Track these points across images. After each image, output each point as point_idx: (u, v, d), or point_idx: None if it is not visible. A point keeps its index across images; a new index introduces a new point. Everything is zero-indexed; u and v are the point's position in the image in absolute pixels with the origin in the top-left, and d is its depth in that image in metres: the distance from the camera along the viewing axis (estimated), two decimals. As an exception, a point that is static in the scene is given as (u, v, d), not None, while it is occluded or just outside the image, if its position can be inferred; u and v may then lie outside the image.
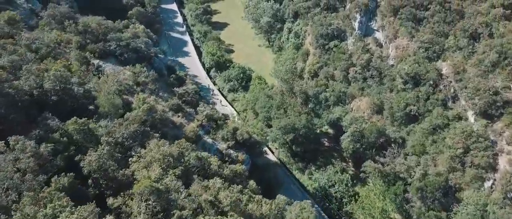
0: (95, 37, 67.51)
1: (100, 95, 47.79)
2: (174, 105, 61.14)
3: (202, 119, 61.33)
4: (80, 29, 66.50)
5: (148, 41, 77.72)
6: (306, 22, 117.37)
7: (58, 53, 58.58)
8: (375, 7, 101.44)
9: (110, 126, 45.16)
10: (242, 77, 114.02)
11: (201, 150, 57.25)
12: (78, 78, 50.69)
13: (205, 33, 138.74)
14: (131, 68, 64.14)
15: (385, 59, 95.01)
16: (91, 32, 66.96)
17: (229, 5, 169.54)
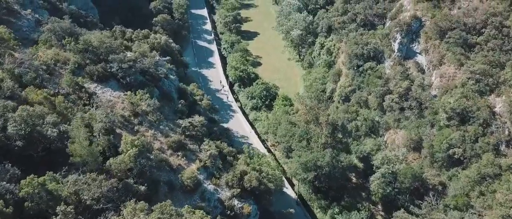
0: (96, 56, 59.64)
1: (74, 141, 39.63)
2: (174, 143, 52.33)
3: (205, 159, 52.31)
4: (80, 48, 58.79)
5: (158, 60, 69.42)
6: (340, 38, 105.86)
7: (45, 79, 51.03)
8: (418, 27, 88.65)
9: (80, 181, 36.93)
10: (266, 96, 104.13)
11: (199, 200, 48.16)
12: (57, 116, 42.72)
13: (232, 44, 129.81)
14: (130, 96, 55.71)
15: (427, 88, 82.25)
16: (92, 51, 59.11)
17: (262, 13, 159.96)
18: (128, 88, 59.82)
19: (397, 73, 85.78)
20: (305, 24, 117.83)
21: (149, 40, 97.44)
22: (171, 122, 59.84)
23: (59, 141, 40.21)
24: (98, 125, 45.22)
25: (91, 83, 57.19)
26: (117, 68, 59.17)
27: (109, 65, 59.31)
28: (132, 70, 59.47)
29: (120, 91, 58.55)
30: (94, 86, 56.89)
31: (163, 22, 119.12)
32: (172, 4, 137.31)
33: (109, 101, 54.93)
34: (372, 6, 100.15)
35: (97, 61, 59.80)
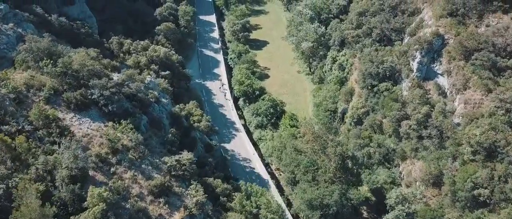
0: (76, 80, 52.53)
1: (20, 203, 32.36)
2: (156, 187, 44.87)
3: (191, 207, 44.75)
4: (58, 71, 51.74)
5: (150, 82, 61.97)
6: (353, 53, 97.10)
7: (10, 112, 43.97)
8: (441, 46, 79.48)
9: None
10: (272, 113, 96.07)
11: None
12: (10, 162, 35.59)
13: (240, 54, 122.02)
14: (108, 131, 48.36)
15: (449, 115, 73.12)
16: (72, 74, 51.99)
17: (272, 20, 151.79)
18: (111, 118, 52.59)
19: (415, 97, 76.79)
20: (317, 36, 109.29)
21: (147, 53, 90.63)
22: (157, 156, 52.38)
23: (6, 199, 33.16)
24: (62, 172, 38.02)
25: (67, 112, 50.08)
26: (98, 95, 51.89)
27: (90, 92, 52.11)
28: (115, 98, 52.12)
29: (100, 122, 51.30)
30: (70, 116, 49.74)
31: (167, 31, 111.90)
32: (178, 11, 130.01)
33: (85, 136, 47.74)
34: (389, 19, 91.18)
35: (77, 86, 52.68)
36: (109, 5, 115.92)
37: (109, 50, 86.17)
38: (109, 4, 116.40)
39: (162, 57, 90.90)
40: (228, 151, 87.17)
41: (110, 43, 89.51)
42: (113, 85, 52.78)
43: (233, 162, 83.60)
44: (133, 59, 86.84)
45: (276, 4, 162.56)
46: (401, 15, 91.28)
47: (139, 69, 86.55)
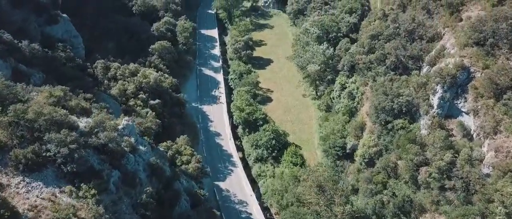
0: (31, 132, 42.66)
1: None
2: None
3: None
4: (8, 121, 41.93)
5: (125, 127, 51.91)
6: (365, 81, 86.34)
7: None
8: (466, 80, 68.47)
9: None
10: (274, 145, 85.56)
11: None
12: None
13: (241, 74, 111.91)
14: (57, 204, 38.33)
15: (477, 164, 62.09)
16: (26, 125, 42.15)
17: (278, 35, 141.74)
18: (70, 179, 42.56)
19: (437, 140, 65.73)
20: (324, 58, 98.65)
21: (136, 79, 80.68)
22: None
23: None
24: None
25: (14, 176, 40.16)
26: (55, 152, 41.91)
27: (45, 147, 42.18)
28: (76, 155, 42.08)
29: (55, 186, 41.30)
30: (17, 181, 39.80)
31: (161, 50, 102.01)
32: (177, 27, 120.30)
33: (32, 209, 37.84)
34: (405, 45, 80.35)
35: (31, 140, 42.75)
36: (101, 20, 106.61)
37: (93, 76, 76.52)
38: (101, 18, 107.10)
39: (152, 84, 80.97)
40: (223, 190, 76.96)
41: (94, 67, 79.70)
42: (74, 140, 42.68)
43: (228, 205, 73.37)
44: (119, 87, 77.08)
45: (282, 18, 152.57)
46: (419, 41, 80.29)
47: (125, 99, 76.82)
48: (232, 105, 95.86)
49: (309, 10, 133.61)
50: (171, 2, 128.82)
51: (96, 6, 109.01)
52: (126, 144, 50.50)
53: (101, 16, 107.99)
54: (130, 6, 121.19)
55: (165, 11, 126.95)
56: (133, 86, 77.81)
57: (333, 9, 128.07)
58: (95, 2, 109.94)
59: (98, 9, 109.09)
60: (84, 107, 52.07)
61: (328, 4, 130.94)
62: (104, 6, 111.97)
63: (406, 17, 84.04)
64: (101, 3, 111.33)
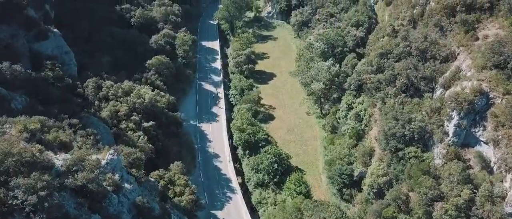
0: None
1: None
2: None
3: None
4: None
5: (109, 162, 46.49)
6: (373, 101, 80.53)
7: None
8: (484, 106, 62.66)
9: None
10: (276, 169, 79.71)
11: None
12: None
13: (242, 90, 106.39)
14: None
15: (499, 202, 56.06)
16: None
17: (281, 47, 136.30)
18: (42, 229, 36.93)
19: (453, 172, 59.76)
20: (330, 76, 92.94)
21: (129, 99, 75.24)
22: None
23: None
24: None
25: (-26, 229, 34.76)
26: (22, 200, 36.37)
27: (11, 194, 36.66)
28: (46, 204, 36.53)
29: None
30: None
31: (159, 66, 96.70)
32: (176, 39, 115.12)
33: None
34: (417, 66, 74.55)
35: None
36: (96, 33, 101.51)
37: (83, 96, 71.25)
38: (97, 31, 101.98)
39: (146, 104, 75.56)
40: (220, 222, 71.21)
41: (85, 87, 74.42)
42: (45, 185, 37.12)
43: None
44: (110, 109, 71.62)
45: (285, 29, 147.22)
46: (431, 61, 74.43)
47: (117, 121, 71.40)
48: (232, 125, 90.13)
49: (314, 22, 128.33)
50: (171, 14, 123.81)
51: (92, 18, 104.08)
52: (109, 183, 44.86)
53: (97, 29, 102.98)
54: (129, 18, 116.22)
55: (164, 23, 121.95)
56: (126, 108, 72.40)
57: (338, 22, 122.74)
58: (91, 14, 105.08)
59: (94, 21, 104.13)
60: (63, 142, 46.48)
61: (334, 16, 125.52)
62: (101, 18, 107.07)
63: (417, 34, 78.22)
64: (97, 15, 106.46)
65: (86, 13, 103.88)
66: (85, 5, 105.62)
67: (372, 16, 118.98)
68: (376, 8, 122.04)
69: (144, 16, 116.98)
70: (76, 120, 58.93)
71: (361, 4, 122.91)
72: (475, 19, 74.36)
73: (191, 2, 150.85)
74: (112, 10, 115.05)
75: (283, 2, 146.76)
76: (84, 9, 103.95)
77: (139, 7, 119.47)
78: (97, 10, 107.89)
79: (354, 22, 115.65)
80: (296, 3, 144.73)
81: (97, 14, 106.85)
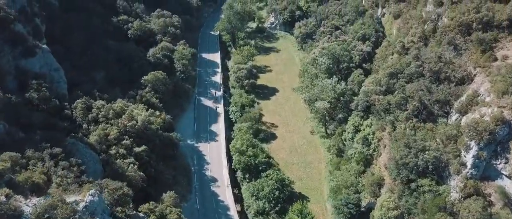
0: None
1: None
2: None
3: None
4: None
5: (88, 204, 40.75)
6: (382, 125, 74.66)
7: None
8: (507, 136, 56.75)
9: None
10: (278, 197, 73.95)
11: None
12: None
13: (243, 107, 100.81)
14: None
15: (526, 246, 50.08)
16: None
17: (284, 60, 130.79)
18: None
19: (473, 211, 53.77)
20: (335, 95, 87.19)
21: (120, 121, 69.77)
22: None
23: None
24: None
25: None
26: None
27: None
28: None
29: None
30: None
31: (155, 82, 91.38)
32: (174, 53, 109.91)
33: None
34: (430, 88, 68.67)
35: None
36: (90, 47, 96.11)
37: (71, 118, 65.99)
38: (91, 45, 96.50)
39: (138, 128, 70.11)
40: None
41: (73, 108, 69.08)
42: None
43: None
44: (99, 133, 66.10)
45: (289, 40, 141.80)
46: (446, 83, 68.58)
47: (106, 146, 65.91)
48: (231, 147, 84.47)
49: (318, 35, 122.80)
50: (170, 26, 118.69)
51: (87, 31, 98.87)
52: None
53: (92, 42, 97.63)
54: (126, 30, 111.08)
55: (163, 35, 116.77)
56: (116, 131, 66.91)
57: (344, 35, 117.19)
58: (86, 27, 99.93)
59: (89, 34, 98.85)
60: (35, 183, 40.99)
61: (339, 28, 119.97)
62: (96, 31, 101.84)
63: (430, 54, 72.45)
64: (92, 28, 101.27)
65: (80, 26, 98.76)
66: (79, 17, 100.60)
67: (379, 29, 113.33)
68: (383, 20, 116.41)
69: (141, 28, 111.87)
70: (58, 149, 53.50)
71: (367, 16, 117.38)
72: (493, 38, 68.66)
73: (192, 12, 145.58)
74: (108, 22, 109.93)
75: (287, 13, 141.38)
76: (78, 21, 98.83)
77: (137, 19, 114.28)
78: (92, 22, 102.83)
79: (360, 35, 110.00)
80: (300, 14, 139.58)
81: (92, 26, 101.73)
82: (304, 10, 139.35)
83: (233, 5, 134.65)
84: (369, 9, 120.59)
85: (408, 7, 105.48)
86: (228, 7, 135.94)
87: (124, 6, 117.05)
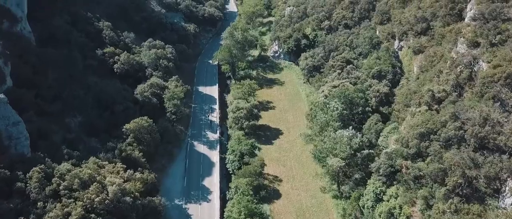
0: None
1: None
2: None
3: None
4: None
5: None
6: (412, 199, 59.24)
7: None
8: None
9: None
10: None
11: None
12: None
13: (242, 155, 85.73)
14: None
15: None
16: None
17: (289, 95, 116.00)
18: None
19: None
20: (351, 151, 71.94)
21: (86, 196, 54.62)
22: None
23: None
24: None
25: None
26: None
27: None
28: None
29: None
30: None
31: (139, 131, 76.53)
32: (165, 90, 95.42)
33: None
34: (476, 160, 53.36)
35: None
36: (67, 87, 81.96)
37: (24, 193, 51.26)
38: (68, 84, 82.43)
39: (109, 202, 54.97)
40: None
41: (28, 178, 54.13)
42: None
43: None
44: (56, 214, 50.95)
45: (294, 71, 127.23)
46: (497, 153, 53.29)
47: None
48: (226, 216, 69.15)
49: (327, 69, 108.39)
50: (162, 58, 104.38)
51: (64, 67, 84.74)
52: None
53: (69, 81, 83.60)
54: (111, 64, 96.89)
55: (154, 69, 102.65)
56: (80, 210, 51.89)
57: (356, 69, 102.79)
58: (64, 62, 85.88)
59: (67, 71, 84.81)
60: None
61: (351, 63, 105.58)
62: (76, 67, 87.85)
63: (472, 113, 57.19)
64: (71, 63, 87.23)
65: (58, 61, 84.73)
66: (58, 51, 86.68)
67: (396, 64, 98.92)
68: (401, 54, 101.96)
69: (129, 61, 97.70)
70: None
71: (382, 50, 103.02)
72: (552, 95, 53.77)
73: (188, 40, 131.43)
74: (92, 56, 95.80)
75: (291, 42, 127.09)
76: (56, 57, 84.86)
77: (125, 51, 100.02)
78: (72, 56, 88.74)
79: (375, 72, 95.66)
80: (306, 43, 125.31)
81: (71, 61, 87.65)
82: (311, 39, 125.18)
83: (234, 34, 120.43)
84: (384, 41, 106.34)
85: (431, 42, 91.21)
86: (228, 36, 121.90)
87: (111, 37, 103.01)
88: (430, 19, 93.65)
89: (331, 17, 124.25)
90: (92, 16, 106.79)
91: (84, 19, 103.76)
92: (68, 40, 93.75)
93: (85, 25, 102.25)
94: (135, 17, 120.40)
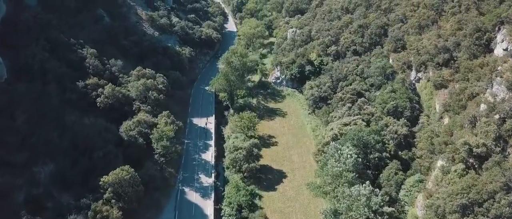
0: None
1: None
2: None
3: None
4: None
5: None
6: None
7: None
8: None
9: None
10: None
11: None
12: None
13: (239, 208, 73.24)
14: None
15: None
16: None
17: (293, 129, 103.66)
18: None
19: None
20: (370, 213, 59.26)
21: None
22: None
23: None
24: None
25: None
26: None
27: None
28: None
29: None
30: None
31: (118, 184, 63.83)
32: (154, 129, 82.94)
33: None
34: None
35: None
36: (38, 129, 69.32)
37: None
38: (40, 125, 69.81)
39: None
40: None
41: None
42: None
43: None
44: None
45: (297, 99, 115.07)
46: None
47: None
48: None
49: (336, 101, 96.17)
50: (152, 89, 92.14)
51: (38, 105, 72.44)
52: None
53: (42, 122, 71.00)
54: (94, 98, 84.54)
55: (142, 102, 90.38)
56: None
57: (368, 103, 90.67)
58: (38, 99, 73.68)
59: (40, 109, 72.35)
60: None
61: (363, 95, 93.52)
62: (51, 104, 75.44)
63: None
64: (46, 100, 74.95)
65: (31, 98, 72.49)
66: (31, 87, 74.50)
67: (414, 98, 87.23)
68: (419, 87, 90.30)
69: (114, 95, 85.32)
70: None
71: (398, 81, 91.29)
72: None
73: (183, 66, 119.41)
74: (72, 88, 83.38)
75: (295, 68, 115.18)
76: (29, 93, 72.68)
77: (109, 83, 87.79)
78: (46, 91, 76.51)
79: (391, 107, 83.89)
80: (311, 69, 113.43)
81: (46, 97, 75.40)
82: (316, 65, 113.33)
83: (231, 60, 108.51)
84: (399, 72, 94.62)
85: (454, 75, 79.45)
86: (225, 62, 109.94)
87: (95, 66, 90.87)
88: (452, 49, 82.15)
89: (339, 42, 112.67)
90: (75, 42, 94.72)
91: (65, 45, 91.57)
92: (44, 71, 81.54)
93: (66, 52, 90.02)
94: (124, 41, 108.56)
